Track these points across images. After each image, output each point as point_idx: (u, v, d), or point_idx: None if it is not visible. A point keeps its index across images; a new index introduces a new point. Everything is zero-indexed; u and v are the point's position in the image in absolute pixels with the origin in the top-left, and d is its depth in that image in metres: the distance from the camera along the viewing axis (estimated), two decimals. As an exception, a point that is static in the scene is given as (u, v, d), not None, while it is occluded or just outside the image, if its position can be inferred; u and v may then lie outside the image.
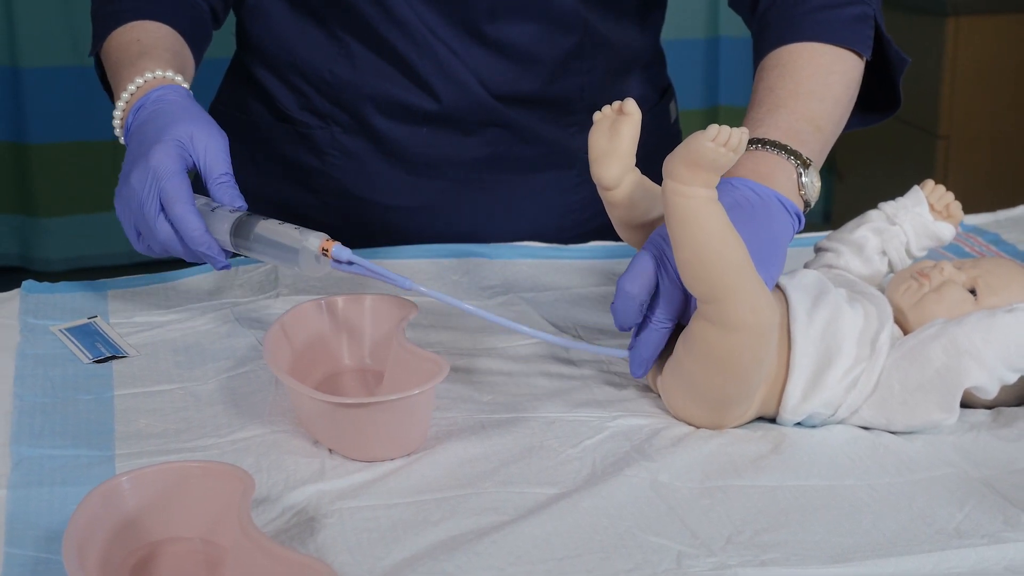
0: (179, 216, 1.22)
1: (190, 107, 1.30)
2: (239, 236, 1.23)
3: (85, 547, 0.89)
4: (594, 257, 1.54)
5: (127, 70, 1.35)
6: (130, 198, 1.24)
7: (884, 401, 1.15)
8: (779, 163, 1.22)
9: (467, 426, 1.15)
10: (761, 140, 1.24)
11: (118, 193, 1.27)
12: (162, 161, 1.23)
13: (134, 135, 1.30)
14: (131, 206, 1.24)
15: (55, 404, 1.18)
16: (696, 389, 1.13)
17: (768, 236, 1.16)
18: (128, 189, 1.24)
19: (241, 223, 1.23)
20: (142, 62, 1.34)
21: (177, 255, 1.26)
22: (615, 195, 1.18)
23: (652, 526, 1.00)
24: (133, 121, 1.31)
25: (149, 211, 1.23)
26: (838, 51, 1.34)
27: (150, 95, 1.31)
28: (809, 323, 1.15)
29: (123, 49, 1.38)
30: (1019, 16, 3.52)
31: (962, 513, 1.03)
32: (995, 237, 1.64)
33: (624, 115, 1.17)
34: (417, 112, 1.54)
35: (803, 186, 1.23)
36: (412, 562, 0.95)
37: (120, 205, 1.27)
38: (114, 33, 1.41)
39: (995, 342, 1.12)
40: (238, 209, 1.25)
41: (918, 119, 3.63)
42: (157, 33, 1.40)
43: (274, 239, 1.21)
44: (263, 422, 1.15)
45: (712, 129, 1.05)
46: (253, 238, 1.22)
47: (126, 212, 1.26)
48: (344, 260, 1.17)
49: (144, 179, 1.23)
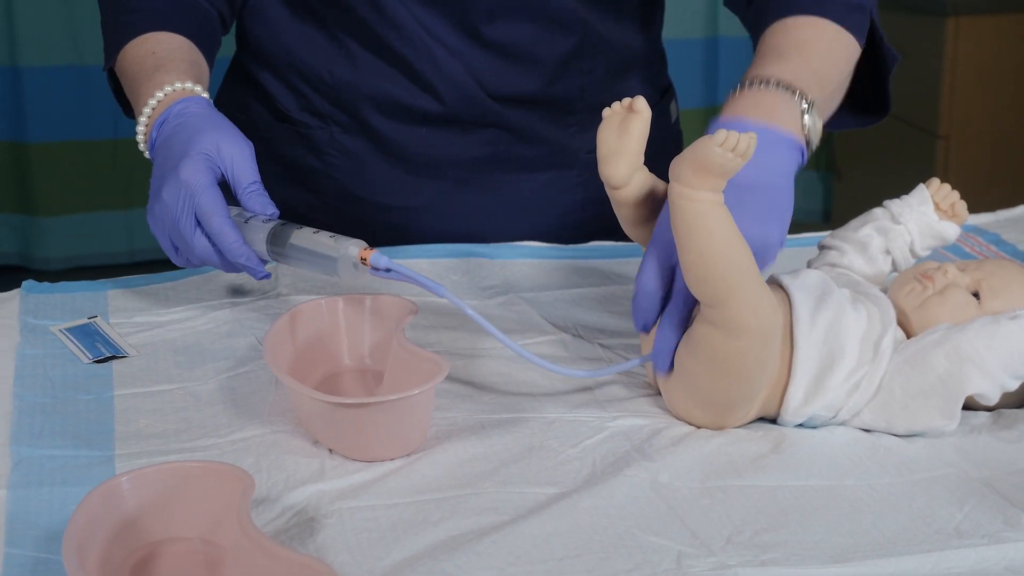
0: (216, 230, 1.22)
1: (213, 117, 1.30)
2: (275, 245, 1.24)
3: (85, 547, 0.89)
4: (594, 257, 1.54)
5: (145, 84, 1.35)
6: (163, 215, 1.25)
7: (885, 405, 1.14)
8: (782, 99, 1.22)
9: (467, 426, 1.15)
10: (765, 79, 1.24)
11: (150, 210, 1.27)
12: (193, 175, 1.23)
13: (160, 150, 1.30)
14: (165, 222, 1.25)
15: (55, 404, 1.18)
16: (698, 391, 1.13)
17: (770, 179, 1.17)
18: (161, 206, 1.25)
19: (277, 233, 1.24)
20: (160, 75, 1.34)
21: (215, 267, 1.27)
22: (623, 194, 1.18)
23: (652, 526, 1.00)
24: (158, 136, 1.31)
25: (185, 227, 1.23)
26: (838, 28, 1.34)
27: (172, 108, 1.31)
28: (812, 325, 1.14)
29: (138, 62, 1.38)
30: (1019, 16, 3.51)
31: (962, 513, 1.03)
32: (995, 237, 1.64)
33: (634, 112, 1.17)
34: (416, 112, 1.54)
35: (805, 125, 1.23)
36: (412, 562, 0.95)
37: (153, 222, 1.27)
38: (127, 46, 1.41)
39: (998, 349, 1.12)
40: (271, 217, 1.26)
41: (918, 119, 3.63)
42: (171, 44, 1.40)
43: (312, 248, 1.21)
44: (263, 422, 1.15)
45: (720, 134, 1.05)
46: (289, 247, 1.23)
47: (161, 228, 1.26)
48: (383, 268, 1.17)
49: (177, 195, 1.23)
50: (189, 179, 1.23)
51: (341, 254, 1.19)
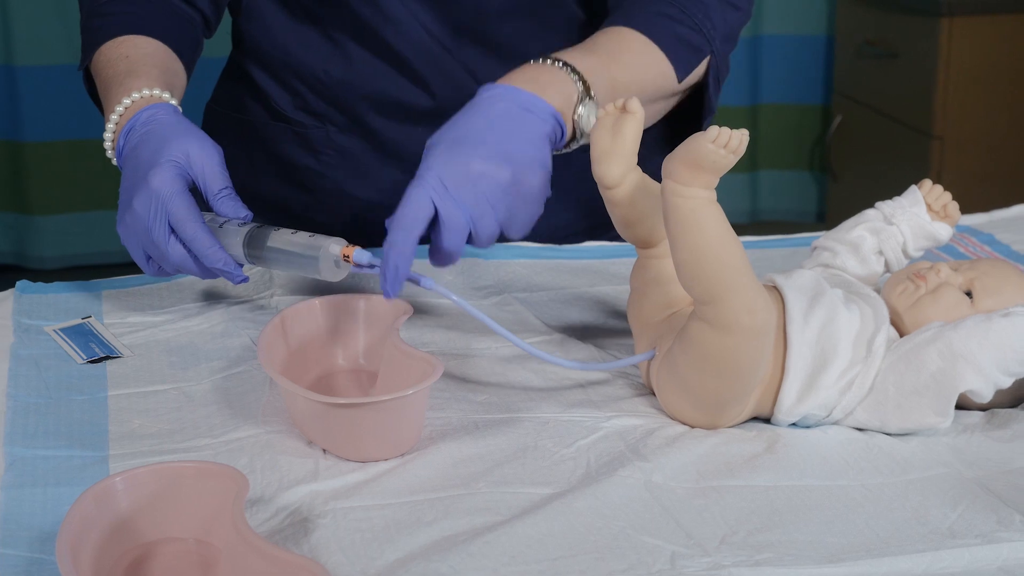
0: (191, 235, 1.22)
1: (181, 124, 1.29)
2: (253, 248, 1.24)
3: (78, 548, 0.89)
4: (588, 257, 1.54)
5: (115, 89, 1.34)
6: (135, 224, 1.24)
7: (879, 404, 1.15)
8: (561, 79, 1.26)
9: (461, 426, 1.15)
10: (557, 58, 1.28)
11: (121, 219, 1.27)
12: (163, 183, 1.23)
13: (128, 159, 1.29)
14: (138, 231, 1.25)
15: (49, 404, 1.18)
16: (691, 390, 1.13)
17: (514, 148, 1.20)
18: (132, 215, 1.24)
19: (254, 235, 1.24)
20: (130, 81, 1.34)
21: (191, 274, 1.26)
22: (616, 194, 1.18)
23: (646, 526, 1.00)
24: (125, 144, 1.31)
25: (159, 235, 1.23)
26: (662, 56, 1.37)
27: (139, 116, 1.30)
28: (805, 324, 1.15)
29: (111, 65, 1.38)
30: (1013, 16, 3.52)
31: (956, 513, 1.03)
32: (989, 237, 1.64)
33: (627, 113, 1.17)
34: (413, 110, 1.54)
35: (578, 113, 1.27)
36: (406, 562, 0.95)
37: (125, 231, 1.26)
38: (102, 48, 1.41)
39: (991, 347, 1.12)
40: (244, 220, 1.25)
41: (912, 119, 3.64)
42: (145, 49, 1.40)
43: (291, 249, 1.21)
44: (257, 422, 1.15)
45: (712, 130, 1.05)
46: (268, 250, 1.23)
47: (133, 238, 1.26)
48: (365, 264, 1.18)
49: (148, 204, 1.23)
50: (160, 187, 1.22)
51: (322, 252, 1.19)
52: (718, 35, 1.40)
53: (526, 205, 1.21)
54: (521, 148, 1.21)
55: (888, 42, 3.67)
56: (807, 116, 4.32)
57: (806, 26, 4.24)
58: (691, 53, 1.39)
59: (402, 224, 1.16)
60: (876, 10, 3.73)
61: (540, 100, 1.24)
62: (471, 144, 1.19)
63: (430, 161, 1.19)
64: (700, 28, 1.38)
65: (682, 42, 1.38)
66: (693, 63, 1.39)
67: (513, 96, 1.24)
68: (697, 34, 1.38)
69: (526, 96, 1.24)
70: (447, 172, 1.18)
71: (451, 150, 1.18)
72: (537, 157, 1.22)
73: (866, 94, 3.89)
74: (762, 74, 4.31)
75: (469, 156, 1.18)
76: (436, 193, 1.17)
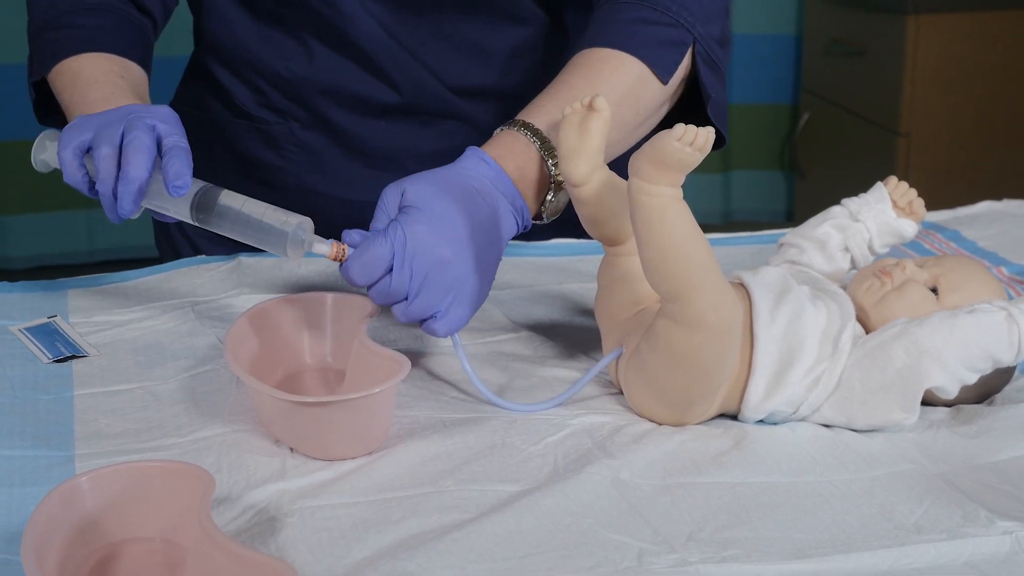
0: (137, 145, 1.18)
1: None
2: (201, 211, 1.19)
3: (44, 548, 0.89)
4: (555, 255, 1.54)
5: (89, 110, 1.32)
6: (103, 117, 1.22)
7: (845, 400, 1.15)
8: (537, 168, 1.24)
9: (429, 424, 1.15)
10: (537, 133, 1.26)
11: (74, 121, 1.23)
12: (157, 113, 1.22)
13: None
14: (100, 121, 1.21)
15: (14, 404, 1.17)
16: (658, 387, 1.14)
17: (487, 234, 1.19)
18: (104, 114, 1.22)
19: (206, 193, 1.20)
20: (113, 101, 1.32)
21: (103, 182, 1.21)
22: (583, 192, 1.18)
23: (614, 523, 1.00)
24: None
25: (113, 130, 1.20)
26: (643, 67, 1.35)
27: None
28: (772, 321, 1.15)
29: (78, 90, 1.36)
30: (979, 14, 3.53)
31: (921, 509, 1.04)
32: (955, 234, 1.65)
33: (594, 111, 1.17)
34: (375, 105, 1.54)
35: (547, 202, 1.26)
36: (373, 561, 0.95)
37: (80, 121, 1.23)
38: (65, 63, 1.39)
39: (956, 343, 1.13)
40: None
41: (879, 116, 3.65)
42: (117, 69, 1.39)
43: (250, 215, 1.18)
44: (224, 421, 1.15)
45: (679, 128, 1.05)
46: (219, 211, 1.19)
47: (79, 128, 1.22)
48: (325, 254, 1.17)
49: (134, 110, 1.22)
50: (155, 111, 1.22)
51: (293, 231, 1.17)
52: (698, 20, 1.38)
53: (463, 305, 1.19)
54: (491, 261, 1.20)
55: (855, 40, 3.68)
56: (778, 115, 4.33)
57: (776, 25, 4.25)
58: (673, 51, 1.38)
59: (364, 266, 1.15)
60: (844, 8, 3.74)
61: (520, 199, 1.24)
62: (449, 231, 1.17)
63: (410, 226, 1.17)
64: (677, 21, 1.37)
65: (662, 44, 1.36)
66: (677, 60, 1.38)
67: (495, 197, 1.22)
68: (676, 29, 1.37)
69: (509, 192, 1.23)
70: (419, 248, 1.15)
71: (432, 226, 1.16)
72: (495, 265, 1.22)
73: (833, 92, 3.91)
74: (733, 74, 4.32)
75: (442, 243, 1.16)
76: (398, 254, 1.16)
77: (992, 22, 3.55)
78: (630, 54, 1.34)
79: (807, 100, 4.09)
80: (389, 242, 1.15)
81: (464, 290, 1.17)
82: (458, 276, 1.16)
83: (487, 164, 1.22)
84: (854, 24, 3.70)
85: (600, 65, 1.33)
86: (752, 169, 4.40)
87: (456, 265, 1.15)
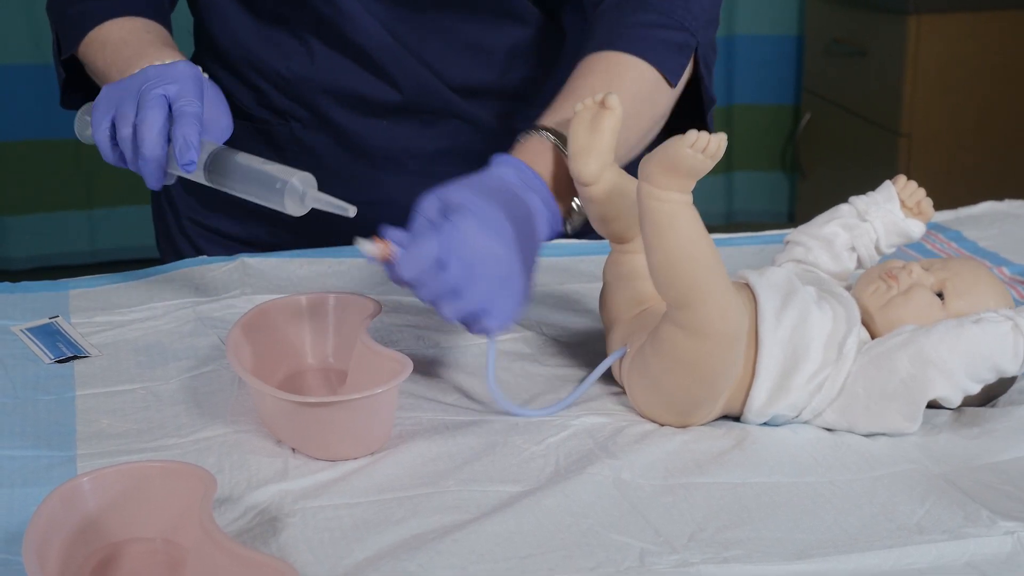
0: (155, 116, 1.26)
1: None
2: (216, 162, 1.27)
3: (45, 548, 0.89)
4: (558, 255, 1.54)
5: (132, 65, 1.36)
6: (131, 83, 1.29)
7: (848, 406, 1.14)
8: (566, 173, 1.23)
9: (431, 425, 1.15)
10: (561, 138, 1.25)
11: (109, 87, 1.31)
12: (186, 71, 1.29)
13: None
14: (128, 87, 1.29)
15: (16, 405, 1.17)
16: (663, 391, 1.13)
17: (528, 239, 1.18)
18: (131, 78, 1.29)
19: (219, 153, 1.27)
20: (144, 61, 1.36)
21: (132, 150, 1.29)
22: (593, 191, 1.18)
23: (615, 524, 1.00)
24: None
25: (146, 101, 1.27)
26: (655, 73, 1.35)
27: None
28: (777, 325, 1.14)
29: (110, 52, 1.41)
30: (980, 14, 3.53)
31: (923, 509, 1.04)
32: (957, 234, 1.65)
33: (606, 109, 1.16)
34: (376, 104, 1.54)
35: (573, 211, 1.26)
36: (374, 561, 0.95)
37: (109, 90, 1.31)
38: (87, 38, 1.41)
39: (961, 354, 1.12)
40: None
41: (880, 117, 3.65)
42: (141, 26, 1.43)
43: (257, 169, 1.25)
44: (225, 422, 1.15)
45: (691, 135, 1.05)
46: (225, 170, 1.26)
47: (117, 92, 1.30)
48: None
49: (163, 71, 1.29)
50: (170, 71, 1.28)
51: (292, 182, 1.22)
52: (700, 24, 1.38)
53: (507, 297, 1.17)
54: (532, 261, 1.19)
55: (857, 40, 3.68)
56: (779, 116, 4.33)
57: (777, 25, 4.25)
58: (680, 54, 1.37)
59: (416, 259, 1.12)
60: (845, 8, 3.74)
61: (554, 202, 1.23)
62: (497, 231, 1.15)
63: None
64: (682, 24, 1.37)
65: (670, 47, 1.36)
66: (684, 63, 1.38)
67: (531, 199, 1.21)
68: (682, 32, 1.37)
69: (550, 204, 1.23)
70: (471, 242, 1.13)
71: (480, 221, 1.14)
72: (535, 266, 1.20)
73: (835, 92, 3.91)
74: (736, 75, 4.32)
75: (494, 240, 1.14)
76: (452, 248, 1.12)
77: (993, 22, 3.55)
78: (644, 60, 1.33)
79: (808, 101, 4.09)
80: (441, 237, 1.12)
81: (514, 286, 1.14)
82: (509, 271, 1.14)
83: (518, 169, 1.22)
84: (855, 24, 3.70)
85: (620, 70, 1.33)
86: (753, 170, 4.40)
87: (506, 260, 1.13)
